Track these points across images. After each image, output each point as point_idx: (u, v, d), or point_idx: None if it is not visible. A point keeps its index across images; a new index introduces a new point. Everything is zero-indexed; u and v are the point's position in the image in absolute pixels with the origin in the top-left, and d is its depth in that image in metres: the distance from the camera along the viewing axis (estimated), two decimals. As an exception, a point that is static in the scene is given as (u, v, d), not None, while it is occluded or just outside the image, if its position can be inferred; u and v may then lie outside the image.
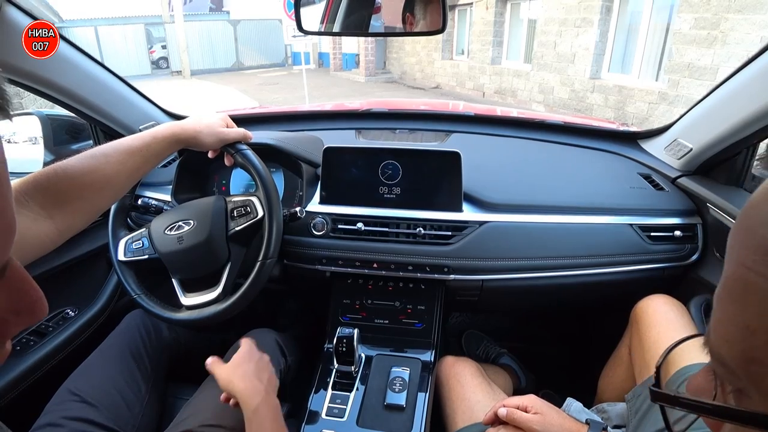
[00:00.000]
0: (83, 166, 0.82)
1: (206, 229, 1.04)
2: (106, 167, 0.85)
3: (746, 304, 0.28)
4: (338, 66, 15.72)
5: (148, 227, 1.11)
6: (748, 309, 0.28)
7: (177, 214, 1.09)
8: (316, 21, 1.25)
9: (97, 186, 0.84)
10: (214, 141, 1.02)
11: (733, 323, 0.29)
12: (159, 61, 19.12)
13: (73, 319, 1.27)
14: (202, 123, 1.01)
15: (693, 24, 5.77)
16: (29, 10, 0.99)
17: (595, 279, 1.20)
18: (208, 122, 1.02)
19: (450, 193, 1.19)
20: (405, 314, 1.23)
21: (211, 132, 1.02)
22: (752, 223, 0.29)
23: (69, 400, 0.96)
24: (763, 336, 0.27)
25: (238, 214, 1.07)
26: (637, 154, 1.44)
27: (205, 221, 1.05)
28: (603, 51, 7.56)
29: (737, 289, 0.29)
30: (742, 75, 1.04)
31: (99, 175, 0.84)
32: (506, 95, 9.74)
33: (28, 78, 1.06)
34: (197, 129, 0.99)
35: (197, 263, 1.07)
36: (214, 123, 1.03)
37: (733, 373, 0.30)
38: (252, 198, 1.08)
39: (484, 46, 10.09)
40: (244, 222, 1.06)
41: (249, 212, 1.07)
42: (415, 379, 1.09)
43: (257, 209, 1.06)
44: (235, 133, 1.06)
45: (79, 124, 1.43)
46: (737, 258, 0.29)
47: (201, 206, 1.09)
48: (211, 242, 1.04)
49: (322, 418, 1.02)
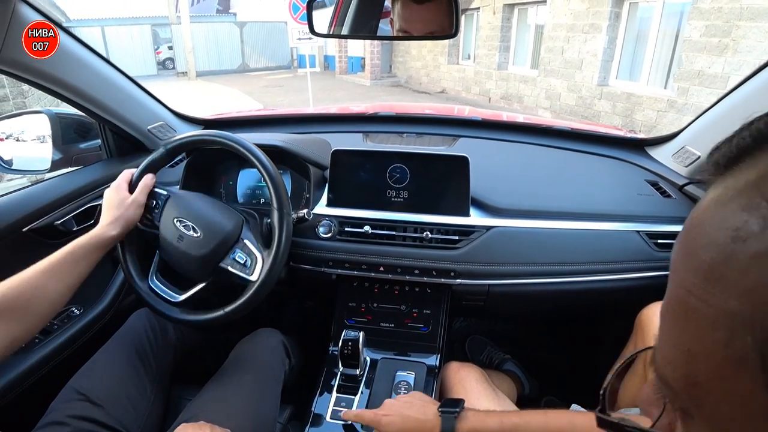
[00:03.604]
0: (15, 284, 0.84)
1: (206, 248, 1.03)
2: (37, 279, 0.87)
3: (687, 328, 0.27)
4: (344, 69, 15.75)
5: (166, 199, 1.09)
6: (689, 333, 0.27)
7: (193, 213, 1.06)
8: (327, 23, 1.25)
9: (33, 297, 0.86)
10: (135, 210, 1.05)
11: (675, 346, 0.28)
12: (165, 62, 19.22)
13: (78, 318, 1.27)
14: (113, 207, 1.02)
15: (704, 31, 5.75)
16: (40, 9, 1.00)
17: (601, 285, 1.20)
18: (117, 203, 1.03)
19: (457, 197, 1.19)
20: (411, 318, 1.23)
21: (127, 208, 1.03)
22: (693, 244, 0.28)
23: (74, 399, 0.96)
24: (703, 361, 0.26)
25: (239, 259, 1.05)
26: (644, 161, 1.44)
27: (209, 241, 1.03)
28: (611, 57, 7.53)
29: (679, 311, 0.28)
30: (753, 83, 1.04)
31: (31, 288, 0.86)
32: (512, 101, 9.73)
33: (39, 76, 1.07)
34: (115, 219, 1.01)
35: (181, 264, 1.08)
36: (119, 202, 1.03)
37: (676, 394, 0.29)
38: (259, 256, 1.05)
39: (490, 51, 10.08)
40: (237, 269, 1.04)
41: (247, 267, 1.04)
42: (420, 383, 1.09)
43: (255, 270, 1.04)
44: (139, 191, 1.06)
45: (87, 123, 1.44)
46: (679, 279, 0.28)
47: (216, 223, 1.06)
48: (202, 261, 1.04)
49: (326, 421, 1.01)
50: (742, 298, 0.24)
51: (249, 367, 1.10)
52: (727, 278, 0.25)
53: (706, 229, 0.27)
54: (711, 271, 0.26)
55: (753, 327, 0.23)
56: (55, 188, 1.23)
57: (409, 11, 1.12)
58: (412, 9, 1.12)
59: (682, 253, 0.29)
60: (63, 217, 1.21)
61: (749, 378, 0.23)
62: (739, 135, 0.28)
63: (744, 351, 0.23)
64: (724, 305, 0.24)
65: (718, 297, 0.25)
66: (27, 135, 1.40)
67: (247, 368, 1.09)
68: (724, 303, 0.24)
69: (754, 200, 0.25)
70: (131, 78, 1.35)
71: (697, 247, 0.27)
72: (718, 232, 0.26)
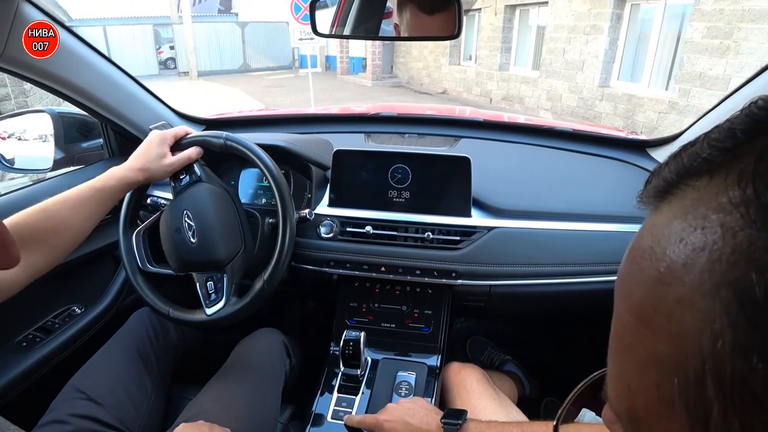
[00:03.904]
0: (40, 213, 0.86)
1: (191, 257, 1.03)
2: (63, 212, 0.89)
3: (626, 364, 0.27)
4: (345, 69, 15.76)
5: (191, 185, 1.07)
6: (628, 369, 0.27)
7: (202, 218, 1.03)
8: (329, 24, 1.25)
9: (57, 229, 0.87)
10: (163, 174, 1.04)
11: (619, 380, 0.28)
12: (167, 62, 19.27)
13: (80, 317, 1.27)
14: (150, 156, 1.02)
15: (705, 33, 5.75)
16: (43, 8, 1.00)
17: (603, 287, 1.19)
18: (154, 155, 1.03)
19: (459, 197, 1.19)
20: (412, 318, 1.23)
21: (159, 167, 1.02)
22: (627, 281, 0.27)
23: (75, 398, 0.96)
24: (641, 398, 0.26)
25: (209, 287, 1.04)
26: (645, 162, 1.43)
27: (197, 255, 1.03)
28: (612, 59, 7.53)
29: (618, 347, 0.28)
30: (754, 84, 1.04)
31: (56, 221, 0.87)
32: (514, 102, 9.74)
33: (42, 75, 1.07)
34: (144, 168, 1.00)
35: (168, 251, 1.07)
36: (156, 155, 1.03)
37: (624, 425, 0.29)
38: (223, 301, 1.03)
39: (492, 52, 10.09)
40: (201, 293, 1.05)
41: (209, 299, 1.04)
42: (421, 383, 1.09)
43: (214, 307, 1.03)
44: (178, 158, 1.06)
45: (89, 122, 1.44)
46: (617, 314, 0.28)
47: (213, 244, 1.03)
48: (181, 262, 1.05)
49: (327, 421, 1.01)
50: (668, 342, 0.23)
51: (250, 367, 1.10)
52: (655, 321, 0.24)
53: (637, 267, 0.26)
54: (641, 312, 0.25)
55: (677, 372, 0.23)
56: (57, 187, 1.22)
57: (419, 21, 1.12)
58: (422, 19, 1.12)
59: (618, 289, 0.28)
60: None
61: (677, 419, 0.23)
62: (666, 168, 0.28)
63: (671, 393, 0.23)
64: (653, 347, 0.24)
65: (649, 338, 0.24)
66: (29, 134, 1.40)
67: (248, 368, 1.09)
68: (653, 345, 0.24)
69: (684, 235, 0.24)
70: (133, 77, 1.35)
71: (631, 285, 0.27)
72: (648, 271, 0.25)
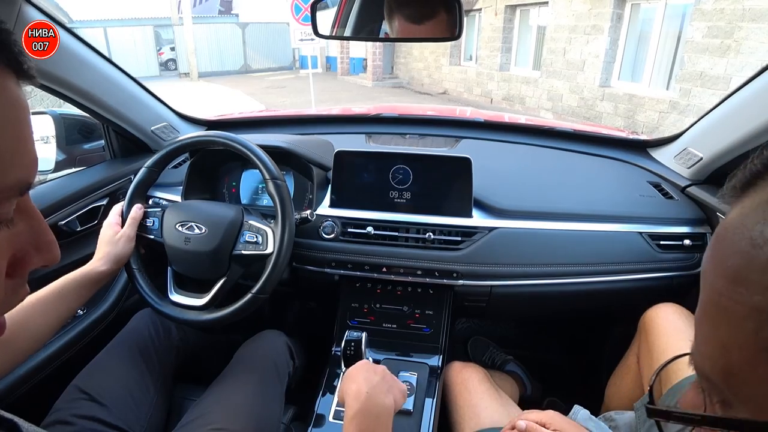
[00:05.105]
0: None
1: (215, 241, 1.05)
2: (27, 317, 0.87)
3: (720, 325, 0.32)
4: (345, 70, 15.75)
5: (163, 211, 1.11)
6: (723, 329, 0.32)
7: (192, 213, 1.09)
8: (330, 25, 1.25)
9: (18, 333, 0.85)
10: (127, 246, 1.05)
11: (711, 342, 0.33)
12: (167, 63, 19.25)
13: (82, 318, 1.27)
14: (104, 242, 1.03)
15: (706, 32, 5.73)
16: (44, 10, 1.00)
17: (604, 287, 1.20)
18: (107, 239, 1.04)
19: (460, 198, 1.19)
20: (413, 319, 1.23)
21: (118, 246, 1.03)
22: (720, 254, 0.33)
23: (78, 398, 0.96)
24: (736, 352, 0.31)
25: (250, 239, 1.06)
26: (646, 162, 1.44)
27: (216, 233, 1.05)
28: (613, 59, 7.52)
29: (712, 312, 0.33)
30: (755, 84, 1.04)
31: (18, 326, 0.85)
32: (514, 102, 9.73)
33: (43, 77, 1.07)
34: (104, 255, 1.01)
35: (196, 267, 1.08)
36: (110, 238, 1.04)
37: (716, 386, 0.34)
38: (268, 229, 1.06)
39: (492, 53, 10.08)
40: (251, 249, 1.06)
41: (259, 243, 1.06)
42: (423, 384, 1.09)
43: (269, 243, 1.05)
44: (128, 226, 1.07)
45: (91, 124, 1.44)
46: (710, 284, 0.34)
47: (218, 215, 1.08)
48: (215, 255, 1.05)
49: (329, 422, 1.01)
50: (765, 294, 0.29)
51: (254, 367, 1.10)
52: (750, 279, 0.30)
53: (729, 241, 0.32)
54: (736, 274, 0.31)
55: None
56: (59, 189, 1.23)
57: (407, 29, 1.12)
58: (410, 27, 1.12)
59: (711, 262, 0.34)
60: (67, 217, 1.21)
61: None
62: (751, 163, 0.35)
63: None
64: (750, 301, 0.29)
65: (745, 295, 0.30)
66: (31, 136, 1.40)
67: (252, 369, 1.10)
68: (750, 299, 0.29)
69: None
70: (134, 79, 1.35)
71: (724, 256, 0.33)
72: (740, 241, 0.31)
